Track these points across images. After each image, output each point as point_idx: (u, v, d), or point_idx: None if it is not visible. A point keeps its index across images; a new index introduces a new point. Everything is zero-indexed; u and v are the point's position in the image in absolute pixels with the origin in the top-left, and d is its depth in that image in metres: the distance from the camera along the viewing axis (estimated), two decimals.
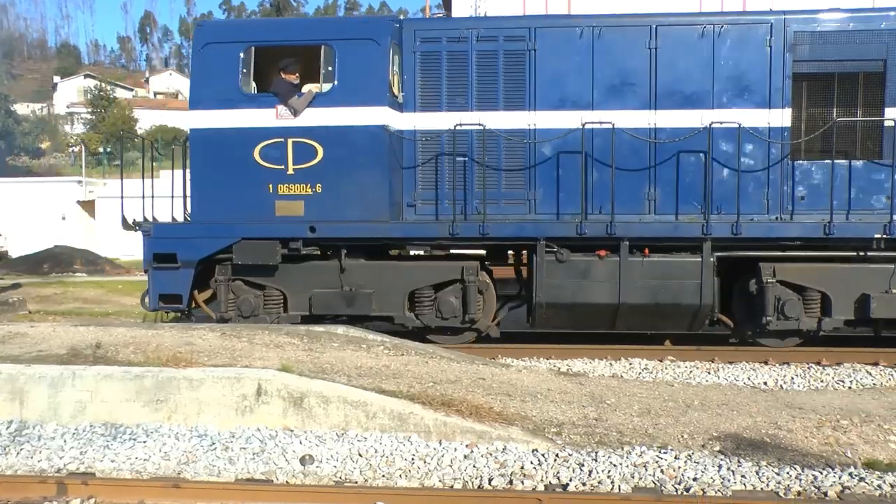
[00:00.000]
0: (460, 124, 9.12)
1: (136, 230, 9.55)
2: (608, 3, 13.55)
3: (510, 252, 9.92)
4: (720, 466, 5.44)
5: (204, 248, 9.23)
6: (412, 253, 10.19)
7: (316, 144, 9.12)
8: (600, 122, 8.92)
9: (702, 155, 9.06)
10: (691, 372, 8.66)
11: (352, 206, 9.16)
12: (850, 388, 8.04)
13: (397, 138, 9.26)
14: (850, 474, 5.37)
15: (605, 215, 9.07)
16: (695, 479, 5.26)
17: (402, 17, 10.54)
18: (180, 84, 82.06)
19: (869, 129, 9.22)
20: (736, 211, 8.86)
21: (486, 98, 9.34)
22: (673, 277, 8.97)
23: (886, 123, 8.99)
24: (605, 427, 6.15)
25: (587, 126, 8.90)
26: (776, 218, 9.21)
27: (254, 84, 9.31)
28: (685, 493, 5.13)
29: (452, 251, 9.92)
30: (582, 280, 9.06)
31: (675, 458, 5.56)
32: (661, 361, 9.14)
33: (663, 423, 6.25)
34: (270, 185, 9.19)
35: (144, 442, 5.85)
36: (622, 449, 5.72)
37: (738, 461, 5.56)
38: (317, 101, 9.12)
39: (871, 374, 8.58)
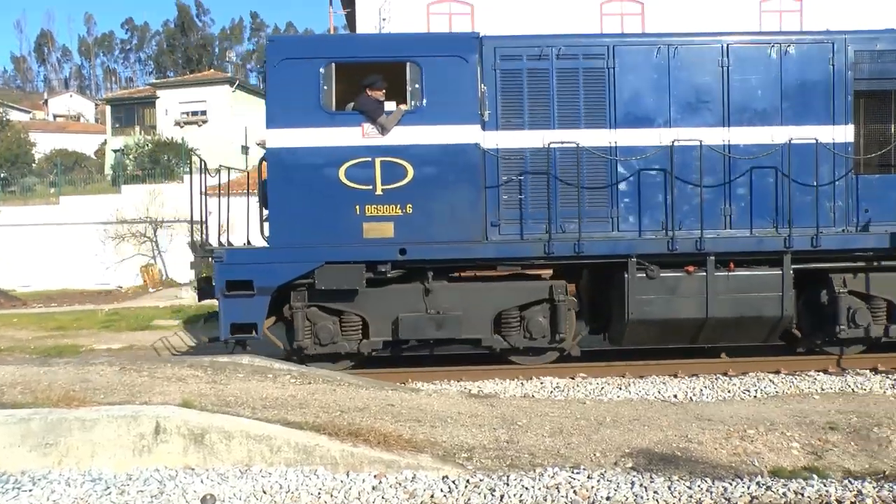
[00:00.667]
0: (549, 142, 9.03)
1: (209, 257, 8.97)
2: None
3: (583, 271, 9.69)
4: (633, 483, 5.43)
5: (284, 273, 8.75)
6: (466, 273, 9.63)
7: (406, 164, 8.83)
8: (679, 140, 9.06)
9: (774, 170, 9.28)
10: (603, 388, 8.71)
11: (443, 226, 8.89)
12: (755, 397, 8.22)
13: (482, 157, 9.07)
14: (758, 483, 5.45)
15: (686, 231, 9.14)
16: (608, 499, 5.24)
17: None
18: (82, 106, 79.21)
19: None
20: (814, 224, 9.16)
21: (568, 116, 9.21)
22: (757, 290, 9.07)
23: None
24: (516, 449, 6.08)
25: (673, 143, 9.02)
26: (843, 230, 9.42)
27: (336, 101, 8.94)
28: None
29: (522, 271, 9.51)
30: (671, 296, 9.06)
31: (588, 477, 5.53)
32: (572, 379, 9.14)
33: (575, 442, 6.23)
34: (357, 207, 8.79)
35: (30, 490, 5.43)
36: (534, 471, 5.65)
37: (651, 477, 5.57)
38: (405, 118, 8.82)
39: (773, 383, 8.81)
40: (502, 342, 9.21)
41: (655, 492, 5.29)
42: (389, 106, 8.91)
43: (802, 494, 5.26)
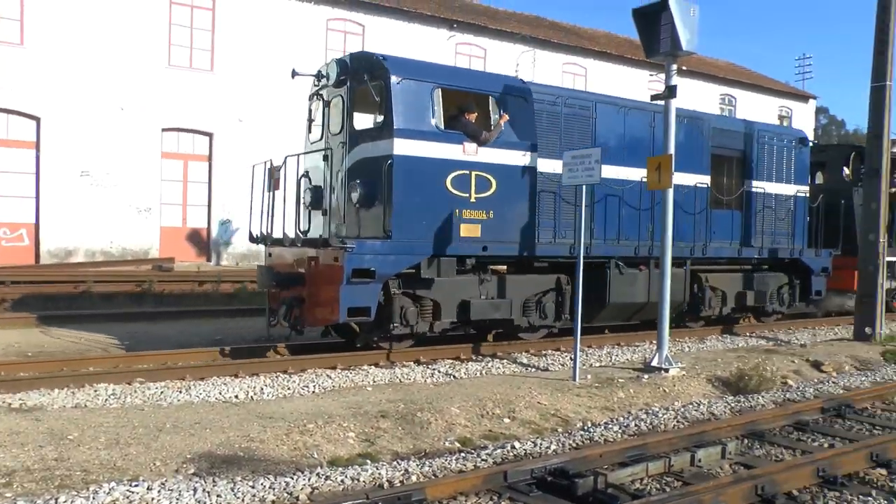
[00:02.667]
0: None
1: (342, 247, 9.42)
2: None
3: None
4: (195, 490, 5.25)
5: (400, 264, 9.88)
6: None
7: (491, 178, 10.56)
8: (635, 177, 12.10)
9: (680, 203, 12.65)
10: (163, 393, 8.30)
11: (513, 230, 10.83)
12: (314, 392, 8.55)
13: (535, 177, 11.09)
14: (318, 474, 5.65)
15: (634, 241, 12.32)
16: None
17: None
18: None
19: (741, 192, 14.28)
20: (700, 240, 13.37)
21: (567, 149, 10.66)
22: (673, 283, 11.04)
23: (745, 188, 14.28)
24: (67, 467, 5.51)
25: (642, 179, 11.38)
26: (703, 245, 13.38)
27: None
28: None
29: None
30: (630, 286, 12.15)
31: (148, 489, 5.21)
32: (129, 385, 8.60)
33: (134, 453, 5.85)
34: (457, 211, 10.29)
35: None
36: (87, 489, 5.15)
37: (214, 481, 5.44)
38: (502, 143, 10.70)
39: (331, 378, 9.26)
40: (525, 321, 11.30)
41: (219, 495, 5.18)
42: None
43: (358, 480, 5.59)
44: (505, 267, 11.18)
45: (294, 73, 11.27)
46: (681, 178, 12.54)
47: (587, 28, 38.16)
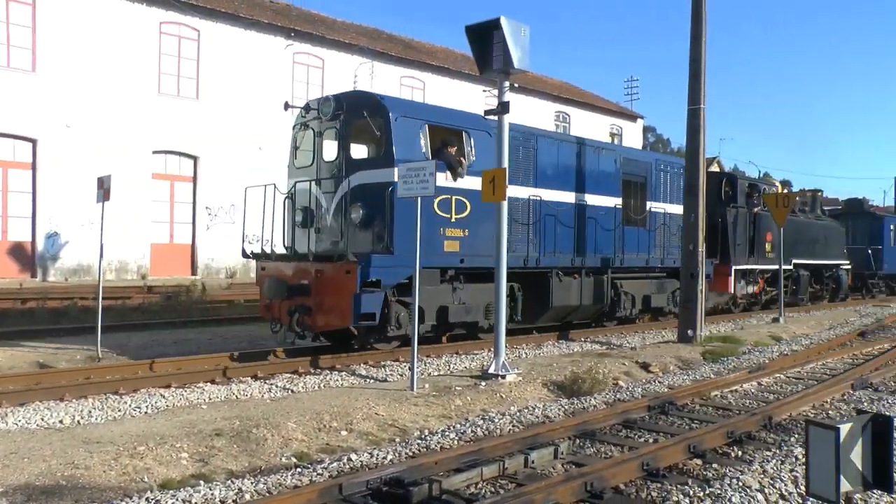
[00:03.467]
0: (533, 196, 13.72)
1: (356, 261, 10.71)
2: None
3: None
4: None
5: (400, 275, 11.09)
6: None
7: (467, 201, 12.08)
8: (556, 198, 14.26)
9: (601, 221, 15.28)
10: None
11: (481, 245, 12.07)
12: (146, 413, 8.20)
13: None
14: (147, 499, 5.42)
15: (570, 254, 14.50)
16: None
17: None
18: None
19: (645, 212, 16.91)
20: (616, 252, 15.74)
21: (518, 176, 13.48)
22: (599, 288, 14.99)
23: (648, 209, 16.94)
24: None
25: (586, 203, 14.74)
26: (620, 257, 15.82)
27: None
28: None
29: None
30: (567, 292, 14.32)
31: None
32: None
33: None
34: (441, 229, 11.80)
35: None
36: None
37: None
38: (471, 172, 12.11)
39: (165, 397, 8.92)
40: (486, 323, 12.61)
41: None
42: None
43: (190, 501, 5.40)
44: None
45: (287, 106, 12.84)
46: (601, 201, 15.37)
47: (425, 42, 38.81)
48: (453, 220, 12.05)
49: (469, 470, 6.07)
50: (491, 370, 10.13)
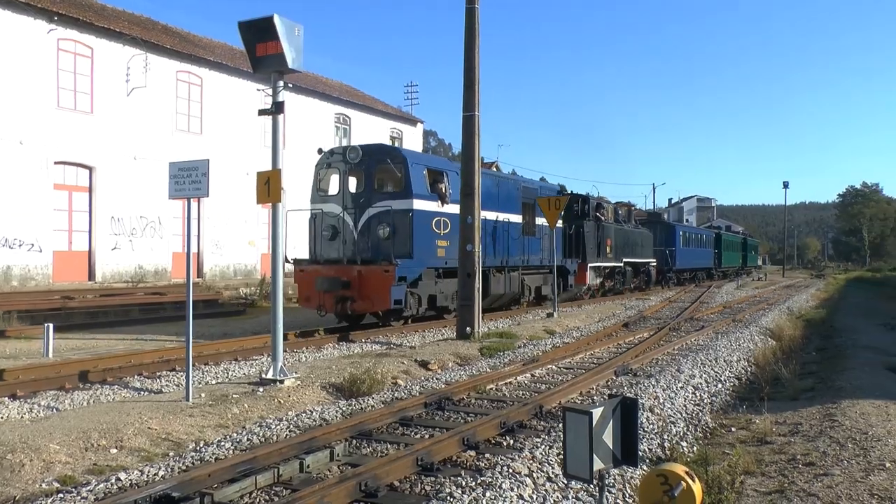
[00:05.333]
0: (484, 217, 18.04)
1: (395, 263, 15.72)
2: None
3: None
4: None
5: (416, 273, 16.65)
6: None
7: (449, 221, 17.54)
8: (491, 217, 19.71)
9: (513, 233, 21.06)
10: None
11: (455, 252, 16.43)
12: None
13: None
14: None
15: (502, 257, 20.43)
16: None
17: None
18: None
19: (535, 226, 22.78)
20: (523, 255, 21.87)
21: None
22: (515, 281, 21.28)
23: (536, 223, 22.78)
24: None
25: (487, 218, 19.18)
26: (526, 259, 21.97)
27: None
28: None
29: None
30: (498, 284, 19.86)
31: None
32: None
33: None
34: (436, 241, 17.30)
35: None
36: None
37: None
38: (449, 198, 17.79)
39: None
40: (452, 306, 17.59)
41: None
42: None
43: None
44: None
45: (320, 151, 17.86)
46: (513, 217, 21.20)
47: (204, 37, 37.18)
48: (441, 234, 17.47)
49: (243, 479, 5.90)
50: (269, 375, 9.91)
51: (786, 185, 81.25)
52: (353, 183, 17.24)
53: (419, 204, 16.81)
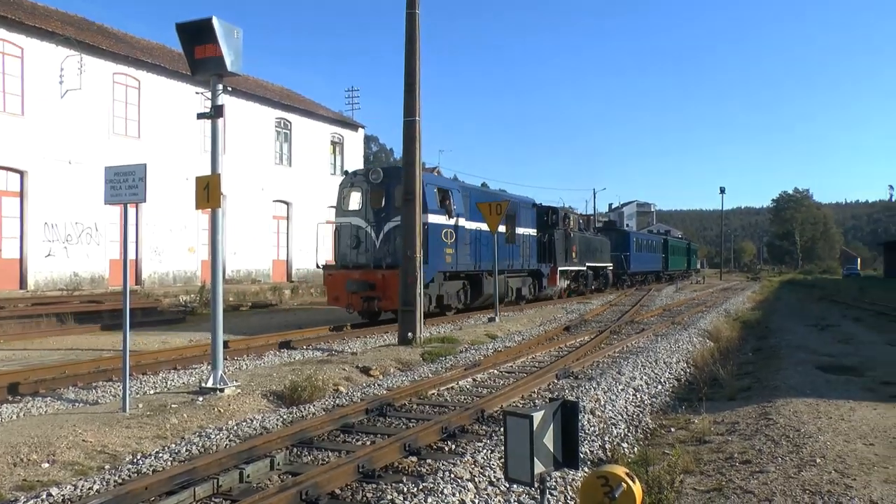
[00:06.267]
0: (471, 226, 22.60)
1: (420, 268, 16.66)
2: None
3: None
4: None
5: (430, 276, 19.25)
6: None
7: (454, 232, 20.89)
8: (479, 227, 22.71)
9: (499, 241, 22.72)
10: None
11: (461, 258, 21.33)
12: None
13: (465, 230, 21.99)
14: None
15: (490, 262, 21.90)
16: None
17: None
18: None
19: (516, 235, 26.00)
20: (508, 260, 25.30)
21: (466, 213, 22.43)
22: (502, 283, 23.80)
23: (517, 232, 26.20)
24: None
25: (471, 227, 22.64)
26: (510, 263, 25.25)
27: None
28: None
29: None
30: (489, 285, 22.38)
31: None
32: None
33: None
34: (445, 248, 20.41)
35: None
36: None
37: None
38: (454, 213, 21.34)
39: None
40: (454, 303, 21.77)
41: None
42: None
43: None
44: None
45: (346, 172, 21.84)
46: (500, 228, 22.29)
47: (141, 38, 36.35)
48: (448, 242, 20.57)
49: (181, 491, 5.79)
50: (209, 384, 9.73)
51: (722, 191, 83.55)
52: (374, 200, 20.18)
53: (433, 218, 19.75)
